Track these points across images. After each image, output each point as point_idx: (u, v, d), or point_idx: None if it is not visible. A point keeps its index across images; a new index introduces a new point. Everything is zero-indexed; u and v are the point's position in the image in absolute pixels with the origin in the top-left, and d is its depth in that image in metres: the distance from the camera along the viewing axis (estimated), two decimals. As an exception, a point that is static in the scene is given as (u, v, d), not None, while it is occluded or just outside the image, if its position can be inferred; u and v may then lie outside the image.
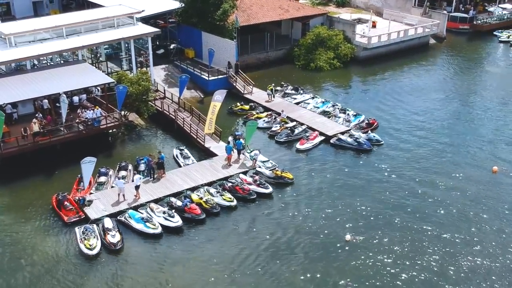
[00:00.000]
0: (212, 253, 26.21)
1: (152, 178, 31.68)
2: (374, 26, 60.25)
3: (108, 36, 40.64)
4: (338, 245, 26.89)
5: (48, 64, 40.41)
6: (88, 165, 28.82)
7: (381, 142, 37.00)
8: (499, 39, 63.26)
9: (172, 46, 50.87)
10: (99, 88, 37.95)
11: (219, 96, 35.96)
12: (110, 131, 36.87)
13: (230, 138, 35.53)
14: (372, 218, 28.95)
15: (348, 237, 27.17)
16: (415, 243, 26.98)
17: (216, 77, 46.35)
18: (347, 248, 26.65)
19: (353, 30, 55.57)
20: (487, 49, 61.49)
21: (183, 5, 48.87)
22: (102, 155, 35.20)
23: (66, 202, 29.04)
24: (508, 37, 62.96)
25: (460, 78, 52.11)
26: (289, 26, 57.24)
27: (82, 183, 30.85)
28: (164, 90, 42.90)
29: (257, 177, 31.64)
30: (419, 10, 64.99)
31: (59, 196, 29.53)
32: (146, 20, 46.01)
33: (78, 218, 28.20)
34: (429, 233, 27.74)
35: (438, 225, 28.36)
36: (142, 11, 43.94)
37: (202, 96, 45.71)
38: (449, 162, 34.90)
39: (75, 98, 37.09)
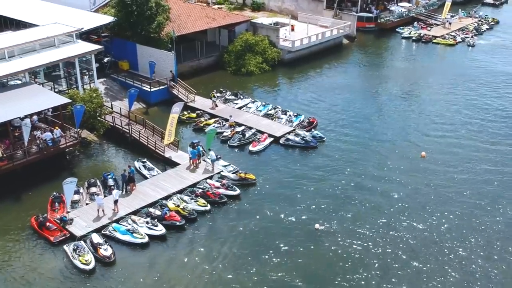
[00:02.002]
0: (200, 255, 28.59)
1: (124, 192, 33.20)
2: (292, 29, 64.51)
3: (53, 56, 41.01)
4: (310, 233, 30.30)
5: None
6: (70, 185, 29.95)
7: (324, 139, 41.01)
8: (402, 35, 70.27)
9: (106, 59, 51.56)
10: (50, 108, 38.38)
11: (177, 108, 38.07)
12: (67, 150, 37.56)
13: (189, 149, 37.39)
14: (331, 207, 32.73)
15: (317, 225, 30.72)
16: (371, 225, 31.06)
17: (158, 88, 48.02)
18: (318, 235, 30.16)
19: (276, 35, 59.42)
20: (392, 45, 68.28)
21: (115, 19, 49.74)
22: (65, 174, 36.03)
23: (48, 223, 29.94)
24: (410, 33, 70.07)
25: (374, 74, 57.94)
26: (215, 33, 59.90)
27: (56, 203, 31.80)
28: (111, 104, 43.94)
29: (224, 181, 34.28)
30: (330, 12, 70.35)
31: (39, 218, 30.31)
32: (79, 36, 46.46)
33: (64, 237, 29.27)
34: (384, 217, 31.99)
35: (390, 207, 32.76)
36: (81, 28, 44.55)
37: (146, 107, 47.19)
38: (384, 151, 39.67)
39: (27, 121, 37.29)
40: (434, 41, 67.34)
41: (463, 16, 76.77)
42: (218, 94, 48.83)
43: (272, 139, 40.80)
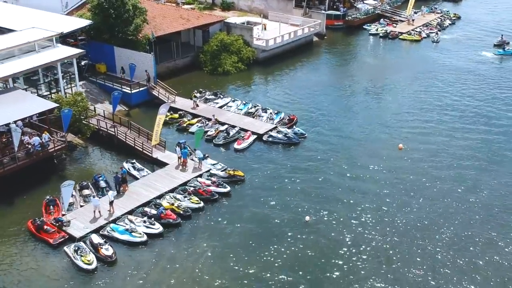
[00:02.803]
0: (198, 249, 29.70)
1: (118, 193, 33.94)
2: (264, 28, 65.89)
3: (35, 61, 41.19)
4: (301, 225, 31.81)
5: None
6: (67, 188, 30.61)
7: (305, 135, 42.59)
8: (369, 32, 72.61)
9: (83, 62, 51.74)
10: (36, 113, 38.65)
11: (163, 109, 38.95)
12: (55, 153, 37.94)
13: (178, 149, 38.28)
14: (319, 199, 34.33)
15: (307, 218, 32.25)
16: (358, 213, 32.82)
17: (138, 90, 48.63)
18: (309, 227, 31.69)
19: (250, 34, 60.70)
20: (361, 42, 70.52)
21: (92, 22, 50.00)
22: (55, 178, 36.69)
23: (45, 227, 30.48)
24: (377, 30, 72.50)
25: (345, 70, 60.16)
26: (189, 34, 60.72)
27: (50, 206, 32.35)
28: (94, 108, 44.35)
29: (214, 179, 35.42)
30: (299, 11, 72.05)
31: (36, 222, 30.81)
32: (58, 40, 46.64)
33: (63, 239, 29.90)
34: (370, 205, 33.79)
35: (375, 195, 34.63)
36: (61, 33, 44.78)
37: (127, 109, 47.76)
38: (363, 144, 41.56)
39: (17, 126, 37.53)
40: (400, 37, 69.87)
41: (426, 12, 79.73)
42: (198, 94, 49.75)
43: (255, 136, 42.10)
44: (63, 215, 31.87)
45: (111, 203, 32.01)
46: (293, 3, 72.94)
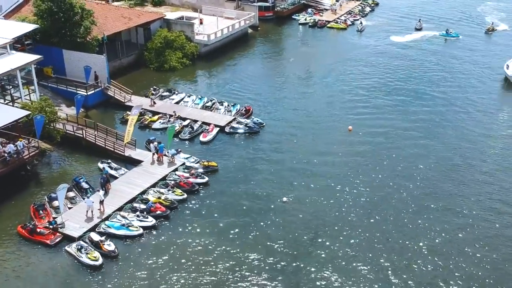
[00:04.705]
0: (193, 237, 32.39)
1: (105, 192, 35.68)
2: (201, 23, 68.15)
3: (-4, 68, 41.29)
4: (278, 206, 35.35)
5: None
6: (62, 191, 31.98)
7: (263, 124, 46.02)
8: (298, 22, 76.92)
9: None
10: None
11: (136, 110, 40.80)
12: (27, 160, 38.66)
13: (152, 145, 40.30)
14: (289, 180, 38.00)
15: (284, 199, 35.85)
16: (324, 192, 36.92)
17: (93, 91, 49.62)
18: (284, 207, 35.30)
19: (191, 30, 62.87)
20: (292, 31, 74.78)
21: (38, 26, 50.01)
22: (32, 184, 37.78)
23: (38, 229, 31.82)
24: (305, 19, 76.94)
25: (282, 60, 64.39)
26: (129, 32, 61.69)
27: (40, 211, 33.64)
28: (56, 112, 44.90)
29: (193, 171, 38.00)
30: (231, 4, 74.81)
31: (27, 226, 32.04)
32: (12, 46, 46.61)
33: (59, 239, 31.44)
34: (331, 184, 37.96)
35: (333, 176, 38.85)
36: (15, 39, 44.84)
37: (85, 111, 48.66)
38: (316, 128, 45.71)
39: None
40: (328, 26, 74.78)
41: (345, 0, 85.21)
42: (153, 92, 51.51)
43: (218, 128, 44.89)
44: (54, 218, 33.19)
45: (101, 202, 33.76)
46: (225, -4, 75.43)
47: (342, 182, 37.95)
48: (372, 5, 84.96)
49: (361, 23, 74.98)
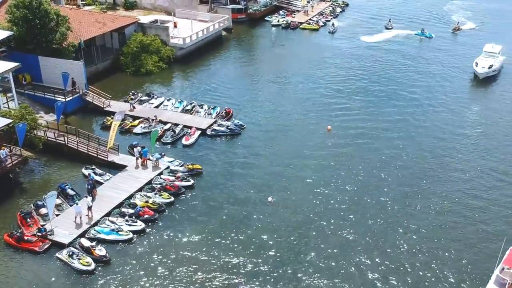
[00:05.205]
0: (183, 238, 32.88)
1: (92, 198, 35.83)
2: (175, 26, 68.43)
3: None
4: (264, 206, 36.15)
5: None
6: (51, 198, 32.05)
7: (244, 126, 46.72)
8: (271, 23, 77.89)
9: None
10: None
11: (119, 116, 40.99)
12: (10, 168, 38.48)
13: (136, 149, 40.59)
14: (272, 181, 38.83)
15: (269, 198, 36.66)
16: (308, 193, 37.90)
17: (72, 97, 49.47)
18: (270, 206, 36.11)
19: (166, 34, 63.12)
20: (266, 33, 75.64)
21: (13, 33, 49.61)
22: (16, 192, 37.71)
23: (26, 237, 31.85)
24: (278, 21, 77.96)
25: (258, 62, 65.06)
26: (104, 37, 61.56)
27: (27, 219, 33.62)
28: (36, 119, 44.66)
29: (179, 174, 38.45)
30: (205, 7, 75.35)
31: (14, 234, 32.06)
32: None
33: (48, 245, 31.54)
34: (313, 183, 38.95)
35: (315, 175, 39.85)
36: (-7, 47, 44.45)
37: (64, 117, 48.47)
38: (295, 128, 46.71)
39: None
40: (301, 27, 75.96)
41: (316, 1, 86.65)
42: (133, 96, 51.64)
43: (200, 131, 45.39)
44: (43, 225, 33.23)
45: (89, 208, 33.94)
46: (197, -1, 75.91)
47: (324, 181, 38.99)
48: (343, 5, 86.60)
49: (333, 24, 76.15)
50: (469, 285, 29.51)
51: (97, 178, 38.56)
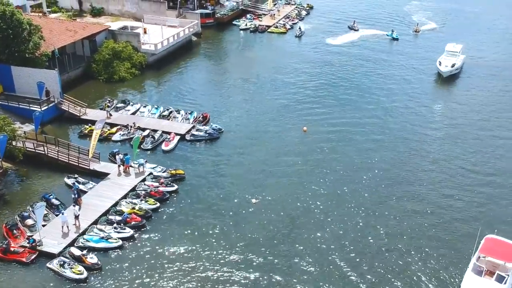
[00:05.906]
0: (172, 243, 33.57)
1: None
2: (145, 32, 68.66)
3: None
4: (248, 207, 37.21)
5: None
6: (40, 209, 32.23)
7: (222, 130, 47.65)
8: (239, 27, 78.99)
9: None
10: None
11: (100, 124, 41.24)
12: (-9, 179, 38.40)
13: (118, 156, 40.99)
14: (256, 182, 39.93)
15: (253, 200, 37.73)
16: (290, 192, 39.16)
17: (47, 107, 49.30)
18: (255, 207, 37.21)
19: (138, 40, 63.39)
20: (234, 37, 76.76)
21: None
22: (1, 204, 37.48)
23: (12, 248, 31.99)
24: (246, 24, 79.11)
25: (229, 65, 66.52)
26: (74, 45, 61.38)
27: (14, 231, 33.68)
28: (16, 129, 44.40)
29: (162, 180, 39.08)
30: (173, 12, 75.77)
31: (0, 246, 32.14)
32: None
33: (34, 255, 31.76)
34: (294, 181, 40.25)
35: (295, 174, 41.17)
36: (-35, 58, 43.96)
37: (41, 127, 48.25)
38: (272, 130, 47.93)
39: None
40: (269, 30, 77.31)
41: (282, 4, 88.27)
42: (109, 104, 51.80)
43: (179, 137, 46.07)
44: (30, 236, 33.35)
45: (77, 217, 34.25)
46: (165, 5, 76.23)
47: (304, 179, 40.40)
48: (308, 8, 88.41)
49: (299, 28, 77.58)
50: (449, 274, 31.27)
51: (80, 186, 38.80)
